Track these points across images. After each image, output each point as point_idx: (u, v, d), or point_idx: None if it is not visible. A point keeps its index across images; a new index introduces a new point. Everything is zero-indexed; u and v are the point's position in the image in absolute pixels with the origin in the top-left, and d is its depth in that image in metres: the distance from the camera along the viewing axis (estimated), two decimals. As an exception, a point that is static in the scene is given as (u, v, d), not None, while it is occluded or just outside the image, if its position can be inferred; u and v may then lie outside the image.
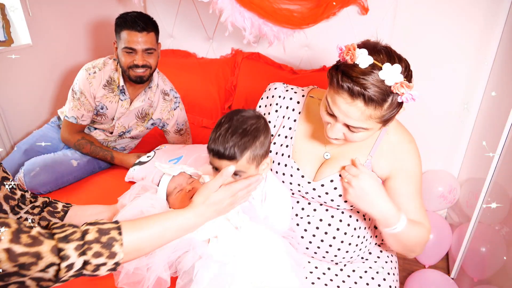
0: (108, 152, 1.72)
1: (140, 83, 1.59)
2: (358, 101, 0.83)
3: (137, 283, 0.84)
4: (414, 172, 1.04)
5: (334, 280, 1.08)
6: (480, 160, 1.83)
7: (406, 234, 0.99)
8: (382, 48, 0.85)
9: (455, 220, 2.05)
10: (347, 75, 0.83)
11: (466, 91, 1.92)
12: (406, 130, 1.07)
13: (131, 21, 1.49)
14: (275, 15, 1.48)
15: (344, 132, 0.92)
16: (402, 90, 0.82)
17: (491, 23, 1.77)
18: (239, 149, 0.88)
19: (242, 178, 0.91)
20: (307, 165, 1.09)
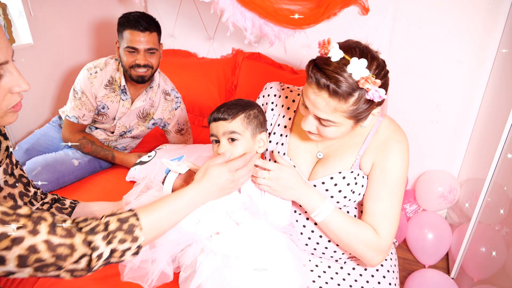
0: (109, 151, 1.72)
1: (142, 83, 1.59)
2: (323, 92, 0.86)
3: (142, 277, 0.87)
4: (391, 173, 1.00)
5: (334, 278, 1.08)
6: (480, 160, 1.84)
7: (335, 225, 1.00)
8: (358, 46, 0.87)
9: (455, 220, 2.05)
10: (317, 66, 0.87)
11: (467, 91, 1.93)
12: (398, 129, 1.05)
13: (134, 21, 1.50)
14: (276, 15, 1.49)
15: (317, 125, 0.95)
16: (367, 85, 0.83)
17: (491, 23, 1.78)
18: (233, 110, 0.98)
19: (236, 144, 0.97)
20: (303, 164, 1.10)
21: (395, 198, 1.01)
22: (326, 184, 1.04)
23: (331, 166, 1.05)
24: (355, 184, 1.03)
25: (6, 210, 0.61)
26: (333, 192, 1.04)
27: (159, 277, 0.86)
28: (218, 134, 0.99)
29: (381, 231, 1.01)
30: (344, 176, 1.03)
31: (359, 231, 1.01)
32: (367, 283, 1.08)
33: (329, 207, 1.00)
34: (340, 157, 1.06)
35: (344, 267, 1.11)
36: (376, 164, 1.02)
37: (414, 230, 1.95)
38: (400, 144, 1.01)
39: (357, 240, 1.01)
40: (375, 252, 1.01)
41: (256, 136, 1.01)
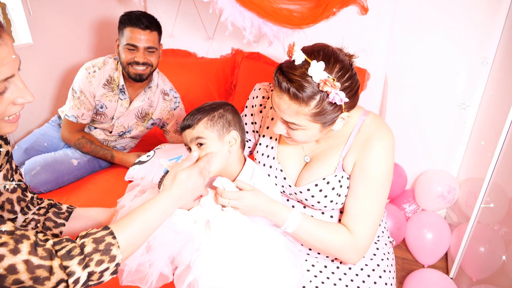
0: (108, 151, 1.73)
1: (139, 81, 1.60)
2: (285, 95, 0.87)
3: (141, 279, 0.86)
4: (371, 171, 0.98)
5: (330, 278, 1.08)
6: (479, 160, 1.83)
7: (306, 234, 1.00)
8: (322, 49, 0.87)
9: (454, 220, 2.05)
10: (281, 70, 0.88)
11: (466, 90, 1.92)
12: (381, 126, 1.01)
13: (136, 19, 1.51)
14: (275, 15, 1.49)
15: (286, 129, 0.95)
16: (327, 88, 0.83)
17: (490, 22, 1.77)
18: (196, 116, 0.99)
19: (204, 148, 0.98)
20: (292, 168, 1.11)
21: (373, 196, 1.00)
22: (311, 190, 1.04)
23: (316, 171, 1.05)
24: (340, 187, 1.03)
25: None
26: (319, 198, 1.04)
27: (159, 278, 0.86)
28: (187, 142, 1.01)
29: (357, 230, 1.00)
30: (328, 181, 1.03)
31: (331, 236, 1.00)
32: (363, 283, 1.08)
33: (297, 218, 0.99)
34: (324, 160, 1.05)
35: (340, 267, 1.11)
36: (356, 163, 1.01)
37: (413, 230, 1.95)
38: (381, 140, 0.99)
39: (331, 244, 1.01)
40: (350, 252, 1.01)
41: (224, 137, 1.00)
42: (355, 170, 1.01)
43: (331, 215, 1.09)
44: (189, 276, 0.82)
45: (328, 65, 0.84)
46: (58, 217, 0.98)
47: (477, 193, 1.64)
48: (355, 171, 1.01)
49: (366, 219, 1.00)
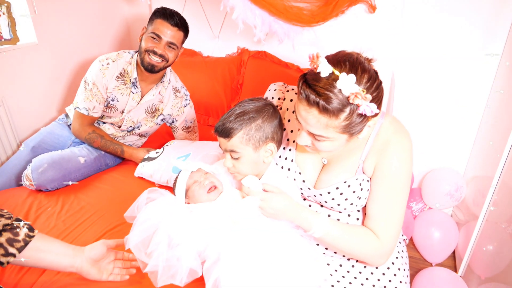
0: (119, 146, 1.72)
1: (150, 71, 1.60)
2: (314, 109, 0.85)
3: (173, 276, 0.87)
4: (391, 174, 0.99)
5: (346, 277, 1.08)
6: (487, 159, 1.83)
7: (333, 240, 0.99)
8: (347, 59, 0.84)
9: (460, 218, 2.05)
10: (307, 82, 0.85)
11: (474, 88, 1.92)
12: (399, 130, 1.01)
13: (169, 14, 1.55)
14: (286, 12, 1.48)
15: (311, 140, 0.93)
16: (358, 101, 0.81)
17: (498, 19, 1.77)
18: (233, 126, 0.96)
19: (241, 161, 0.96)
20: (310, 170, 1.09)
21: (396, 200, 1.00)
22: (332, 193, 1.04)
23: (336, 173, 1.05)
24: (361, 190, 1.03)
25: None
26: (340, 201, 1.04)
27: (189, 273, 0.87)
28: (221, 148, 1.00)
29: (382, 234, 1.00)
30: (349, 184, 1.02)
31: (358, 241, 1.00)
32: (378, 281, 1.08)
33: (324, 223, 0.98)
34: (343, 162, 1.05)
35: (356, 265, 1.10)
36: (377, 166, 1.01)
37: (420, 228, 1.95)
38: (400, 145, 0.99)
39: (357, 249, 1.01)
40: (376, 256, 1.01)
41: (259, 148, 0.98)
42: (376, 174, 1.01)
43: (348, 214, 1.09)
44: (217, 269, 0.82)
45: (356, 77, 0.81)
46: (11, 246, 0.85)
47: (485, 191, 1.64)
48: (376, 175, 1.01)
49: (391, 222, 1.00)
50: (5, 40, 1.94)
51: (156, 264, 0.86)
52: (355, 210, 1.08)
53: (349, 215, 1.09)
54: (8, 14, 1.94)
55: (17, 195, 1.48)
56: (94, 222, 1.32)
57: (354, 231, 1.02)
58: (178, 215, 0.92)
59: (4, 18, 1.94)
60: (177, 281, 0.86)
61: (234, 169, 1.01)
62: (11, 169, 1.64)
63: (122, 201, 1.44)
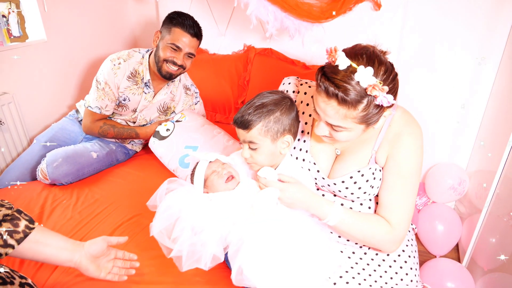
0: (132, 130, 1.76)
1: (168, 79, 1.64)
2: (332, 101, 0.88)
3: (198, 260, 0.90)
4: (403, 164, 1.03)
5: (359, 264, 1.12)
6: (490, 152, 1.87)
7: (347, 227, 1.03)
8: (364, 52, 0.88)
9: (462, 211, 2.09)
10: (325, 75, 0.88)
11: (475, 85, 1.96)
12: (410, 121, 1.05)
13: (188, 25, 1.57)
14: (297, 8, 1.53)
15: (329, 130, 0.96)
16: (375, 92, 0.84)
17: (499, 19, 1.81)
18: (252, 118, 0.99)
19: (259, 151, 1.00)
20: (324, 161, 1.13)
21: (408, 189, 1.04)
22: (346, 182, 1.08)
23: (349, 163, 1.08)
24: (373, 179, 1.07)
25: None
26: (353, 190, 1.08)
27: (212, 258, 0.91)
28: (240, 139, 1.04)
29: (394, 222, 1.04)
30: (362, 173, 1.06)
31: (371, 228, 1.04)
32: (389, 267, 1.12)
33: (339, 212, 1.02)
34: (357, 153, 1.08)
35: (368, 253, 1.14)
36: (389, 157, 1.05)
37: (424, 222, 1.99)
38: (411, 136, 1.03)
39: (370, 236, 1.04)
40: (389, 243, 1.05)
41: (277, 140, 1.02)
42: (388, 164, 1.05)
43: (361, 203, 1.13)
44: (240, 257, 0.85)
45: (374, 69, 0.85)
46: (10, 237, 0.84)
47: (489, 185, 1.68)
48: (388, 165, 1.05)
49: (403, 210, 1.04)
50: (14, 37, 1.96)
51: (180, 250, 0.89)
52: (367, 199, 1.12)
53: (362, 204, 1.13)
54: (17, 12, 1.96)
55: (31, 188, 1.51)
56: (110, 214, 1.36)
57: (367, 218, 1.05)
58: (199, 204, 0.95)
59: (13, 15, 1.96)
60: (202, 265, 0.90)
61: (252, 160, 1.05)
62: (24, 164, 1.66)
63: (135, 194, 1.48)
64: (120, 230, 1.27)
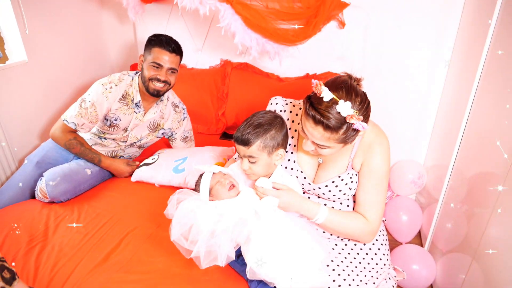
0: (96, 155, 1.80)
1: (156, 96, 1.74)
2: (319, 127, 1.07)
3: (215, 259, 1.07)
4: (376, 169, 1.23)
5: (341, 253, 1.31)
6: (442, 149, 2.15)
7: (332, 224, 1.24)
8: (343, 85, 1.05)
9: (422, 202, 2.36)
10: (313, 105, 1.07)
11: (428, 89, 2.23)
12: (380, 133, 1.26)
13: (166, 42, 1.67)
14: (276, 35, 1.72)
15: (315, 147, 1.16)
16: (353, 121, 1.03)
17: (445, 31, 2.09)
18: (251, 136, 1.16)
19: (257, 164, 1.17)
20: (309, 169, 1.34)
21: (380, 189, 1.26)
22: (329, 186, 1.28)
23: (331, 170, 1.29)
24: (351, 182, 1.28)
25: None
26: (335, 192, 1.29)
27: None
28: (240, 154, 1.21)
29: (370, 216, 1.26)
30: (342, 178, 1.27)
31: (352, 223, 1.25)
32: (366, 255, 1.32)
33: (325, 212, 1.23)
34: (336, 161, 1.29)
35: (348, 244, 1.35)
36: (364, 163, 1.26)
37: (390, 213, 2.23)
38: (381, 146, 1.25)
39: (351, 230, 1.26)
40: (367, 235, 1.27)
41: (272, 154, 1.21)
42: (363, 169, 1.26)
43: (341, 203, 1.33)
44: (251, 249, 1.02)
45: (351, 101, 1.03)
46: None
47: (443, 177, 1.94)
48: (363, 170, 1.26)
49: (376, 207, 1.25)
50: (-6, 59, 1.99)
51: (198, 251, 1.06)
52: (346, 199, 1.32)
53: (341, 203, 1.34)
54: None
55: (31, 207, 1.58)
56: (114, 225, 1.47)
57: (347, 215, 1.26)
58: (209, 211, 1.11)
59: (-7, 37, 2.00)
60: (219, 262, 1.07)
61: (250, 171, 1.22)
62: (17, 184, 1.71)
63: (133, 205, 1.60)
64: (127, 239, 1.38)
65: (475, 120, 1.66)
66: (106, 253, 1.31)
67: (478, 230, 1.46)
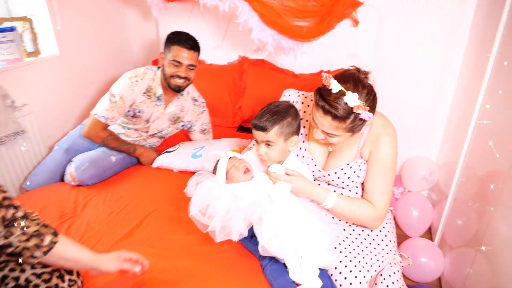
0: (131, 146, 1.94)
1: (178, 91, 1.86)
2: (328, 116, 1.14)
3: (228, 234, 1.17)
4: (383, 158, 1.30)
5: (349, 238, 1.38)
6: (454, 146, 2.18)
7: (341, 210, 1.31)
8: (351, 78, 1.13)
9: (434, 198, 2.40)
10: (322, 96, 1.15)
11: (441, 86, 2.27)
12: (388, 124, 1.32)
13: (184, 40, 1.77)
14: (291, 31, 1.81)
15: (325, 136, 1.24)
16: (359, 111, 1.11)
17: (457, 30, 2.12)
18: (269, 123, 1.25)
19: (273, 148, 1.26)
20: (320, 157, 1.41)
21: (387, 177, 1.33)
22: (338, 173, 1.36)
23: (340, 158, 1.37)
24: (359, 170, 1.35)
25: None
26: (344, 179, 1.36)
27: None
28: (257, 139, 1.30)
29: (377, 203, 1.32)
30: (351, 166, 1.34)
31: (359, 209, 1.32)
32: (373, 240, 1.39)
33: (334, 198, 1.30)
34: (345, 150, 1.37)
35: (356, 229, 1.41)
36: (372, 152, 1.33)
37: (401, 208, 2.28)
38: (389, 136, 1.31)
39: (359, 216, 1.33)
40: (374, 221, 1.33)
41: (288, 139, 1.30)
42: (371, 158, 1.33)
43: (349, 190, 1.41)
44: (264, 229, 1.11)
45: (358, 92, 1.11)
46: (37, 249, 0.97)
47: (453, 174, 1.97)
48: (371, 159, 1.33)
49: (383, 194, 1.32)
50: (28, 53, 2.14)
51: (214, 226, 1.16)
52: (355, 186, 1.39)
53: (350, 190, 1.41)
54: (30, 29, 2.14)
55: (61, 189, 1.72)
56: (136, 206, 1.59)
57: (355, 201, 1.33)
58: (225, 191, 1.20)
59: (27, 33, 2.14)
60: (232, 237, 1.16)
61: (266, 156, 1.30)
62: (49, 167, 1.84)
63: (154, 189, 1.73)
64: (149, 219, 1.50)
65: (485, 117, 1.69)
66: (129, 229, 1.43)
67: (486, 226, 1.48)
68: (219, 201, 1.17)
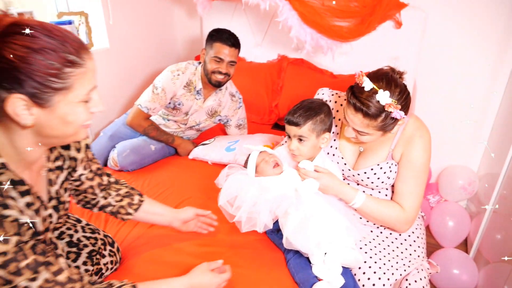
0: (170, 135, 2.03)
1: (218, 86, 1.93)
2: (359, 114, 1.15)
3: (254, 225, 1.21)
4: (415, 161, 1.28)
5: (375, 240, 1.38)
6: (496, 157, 2.08)
7: (369, 210, 1.30)
8: (384, 77, 1.13)
9: (473, 210, 2.30)
10: (354, 94, 1.15)
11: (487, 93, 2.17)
12: (421, 126, 1.30)
13: (226, 37, 1.84)
14: (330, 31, 1.81)
15: (355, 134, 1.23)
16: (391, 109, 1.11)
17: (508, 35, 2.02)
18: (303, 118, 1.28)
19: (305, 144, 1.28)
20: (350, 156, 1.41)
21: (419, 180, 1.31)
22: (367, 173, 1.35)
23: (371, 158, 1.36)
24: (390, 171, 1.33)
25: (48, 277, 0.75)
26: (373, 179, 1.35)
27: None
28: (290, 134, 1.32)
29: (406, 206, 1.30)
30: (381, 167, 1.33)
31: (388, 210, 1.31)
32: (401, 244, 1.37)
33: (362, 197, 1.29)
34: (377, 150, 1.35)
35: (383, 232, 1.40)
36: (404, 154, 1.31)
37: (436, 217, 2.21)
38: (422, 138, 1.29)
39: (387, 217, 1.31)
40: (402, 224, 1.32)
41: (320, 136, 1.32)
42: (403, 160, 1.31)
43: (379, 191, 1.39)
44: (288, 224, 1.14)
45: (390, 91, 1.12)
46: (129, 207, 1.20)
47: (494, 186, 1.88)
48: (403, 161, 1.31)
49: (413, 198, 1.30)
50: (83, 45, 2.30)
51: (240, 216, 1.21)
52: (385, 187, 1.38)
53: (380, 192, 1.40)
54: (86, 24, 2.31)
55: (104, 172, 1.84)
56: (171, 193, 1.67)
57: (384, 203, 1.32)
58: (253, 184, 1.25)
59: (83, 26, 2.31)
60: (257, 229, 1.20)
61: (298, 151, 1.33)
62: (94, 152, 1.98)
63: (189, 178, 1.80)
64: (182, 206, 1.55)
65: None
66: (163, 214, 1.51)
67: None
68: (247, 193, 1.21)
